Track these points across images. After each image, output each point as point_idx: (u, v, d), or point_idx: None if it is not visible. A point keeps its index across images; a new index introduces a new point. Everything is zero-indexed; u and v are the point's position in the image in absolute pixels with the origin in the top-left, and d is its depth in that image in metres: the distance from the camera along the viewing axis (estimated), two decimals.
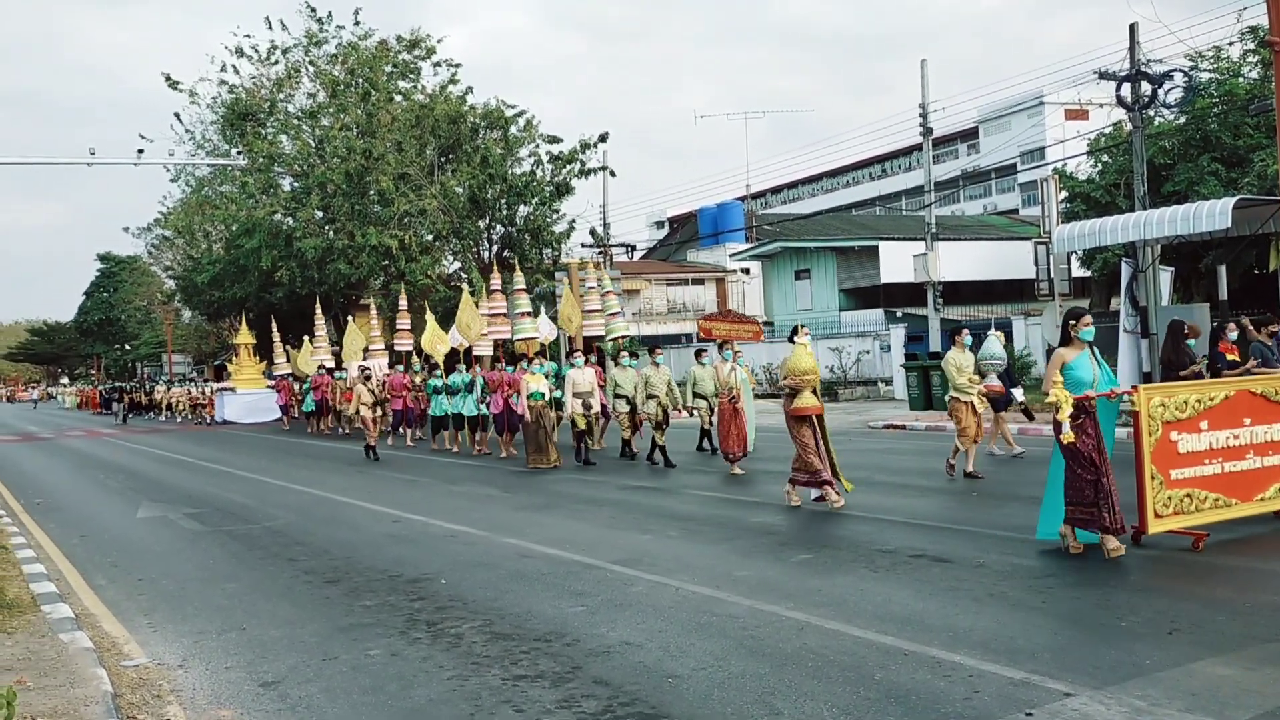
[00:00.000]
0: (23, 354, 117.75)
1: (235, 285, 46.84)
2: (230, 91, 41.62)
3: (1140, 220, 17.55)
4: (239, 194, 40.91)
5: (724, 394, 14.66)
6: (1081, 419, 7.89)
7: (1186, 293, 25.81)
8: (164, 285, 69.58)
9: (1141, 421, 8.01)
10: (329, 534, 11.09)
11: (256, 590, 8.44)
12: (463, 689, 5.60)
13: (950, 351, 13.55)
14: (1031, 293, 25.83)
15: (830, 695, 5.20)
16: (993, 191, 67.13)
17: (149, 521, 12.89)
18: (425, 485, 15.61)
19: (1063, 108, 54.39)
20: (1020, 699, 5.01)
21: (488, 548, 9.76)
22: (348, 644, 6.61)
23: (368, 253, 36.05)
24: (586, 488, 14.15)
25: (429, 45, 40.09)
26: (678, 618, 6.81)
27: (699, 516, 11.08)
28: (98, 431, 37.35)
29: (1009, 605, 6.74)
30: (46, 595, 8.22)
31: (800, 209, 69.02)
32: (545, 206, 37.78)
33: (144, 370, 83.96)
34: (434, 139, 37.09)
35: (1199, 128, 25.71)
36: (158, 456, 24.04)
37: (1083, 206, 28.36)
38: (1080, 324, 8.18)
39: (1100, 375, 8.15)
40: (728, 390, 14.54)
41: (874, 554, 8.57)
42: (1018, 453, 14.93)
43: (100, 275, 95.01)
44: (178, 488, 16.71)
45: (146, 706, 5.61)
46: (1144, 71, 20.98)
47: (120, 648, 6.86)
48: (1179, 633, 5.99)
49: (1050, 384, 7.94)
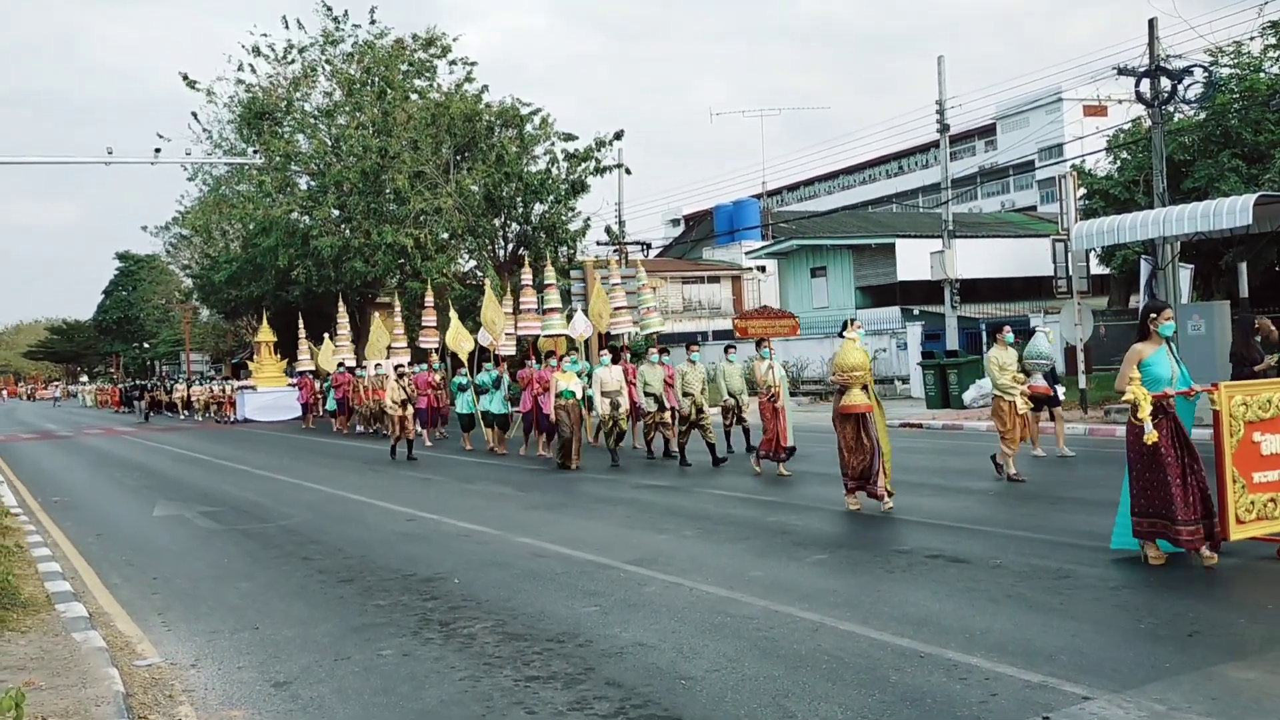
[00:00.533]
0: (42, 352, 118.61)
1: (252, 284, 47.08)
2: (247, 90, 41.80)
3: (1160, 217, 17.41)
4: (256, 193, 41.04)
5: (762, 393, 14.25)
6: (1159, 419, 7.43)
7: (1206, 290, 25.61)
8: (182, 284, 69.95)
9: (1222, 421, 7.52)
10: (343, 532, 11.10)
11: (270, 589, 8.44)
12: (474, 690, 5.58)
13: (992, 349, 12.98)
14: (1049, 290, 25.66)
15: (845, 698, 5.14)
16: (1010, 188, 66.85)
17: (165, 520, 12.93)
18: (439, 484, 15.61)
19: (1081, 104, 53.96)
20: (1038, 702, 4.95)
21: (501, 547, 9.74)
22: (360, 644, 6.59)
23: (383, 251, 36.11)
24: (601, 487, 14.11)
25: (444, 44, 40.14)
26: (692, 618, 6.77)
27: (714, 516, 11.03)
28: (116, 430, 37.54)
29: (1026, 606, 6.67)
30: (61, 594, 8.24)
31: (816, 206, 68.85)
32: (560, 204, 37.75)
33: (162, 368, 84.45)
34: (449, 137, 37.12)
35: (1219, 124, 25.47)
36: (175, 455, 24.14)
37: (1101, 203, 28.16)
38: (1161, 318, 7.63)
39: (1179, 373, 7.66)
40: (766, 389, 14.14)
41: (890, 554, 8.51)
42: (1067, 454, 14.32)
43: (119, 274, 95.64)
44: (194, 486, 16.77)
45: (158, 707, 5.61)
46: (1163, 67, 20.83)
47: (133, 647, 6.87)
48: (1199, 635, 5.91)
49: (1126, 381, 7.51)
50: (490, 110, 38.20)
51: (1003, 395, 12.61)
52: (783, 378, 14.60)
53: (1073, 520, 9.67)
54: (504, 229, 39.09)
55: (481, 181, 36.57)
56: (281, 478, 17.35)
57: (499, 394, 20.07)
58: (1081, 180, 28.46)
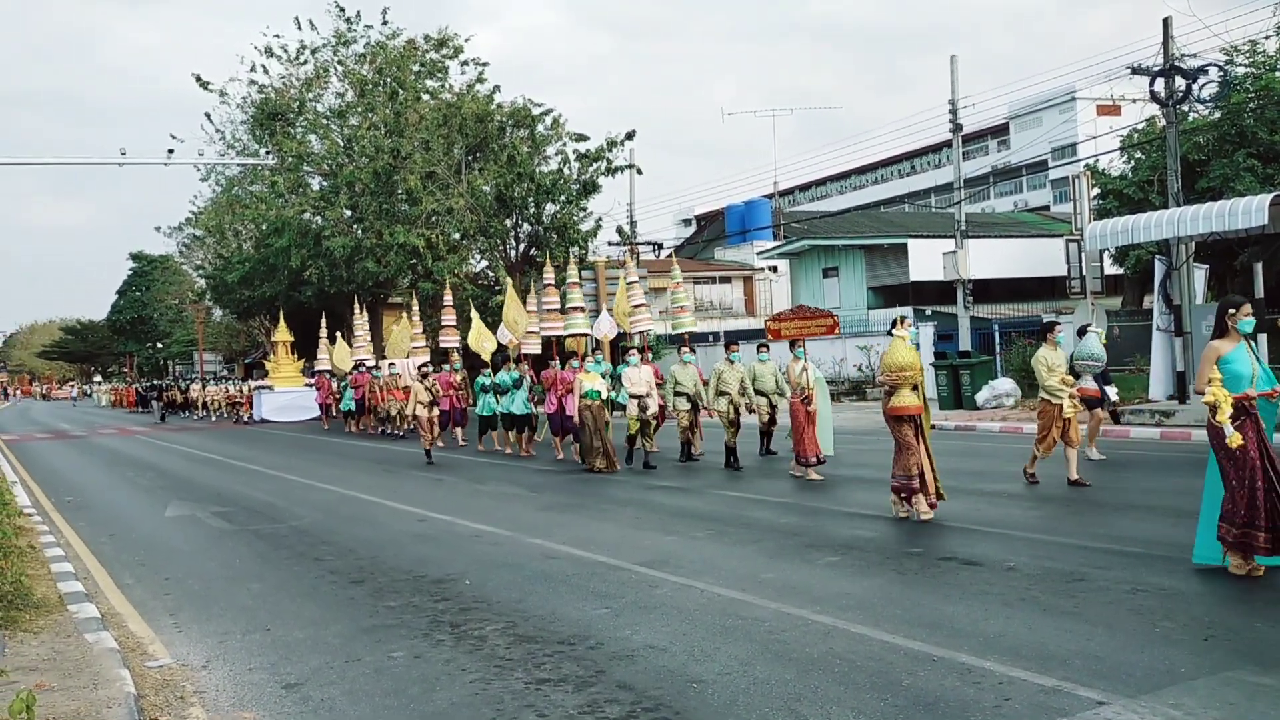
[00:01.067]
0: (56, 352, 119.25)
1: (265, 284, 47.27)
2: (260, 91, 41.89)
3: (1174, 217, 17.33)
4: (268, 193, 41.15)
5: (795, 394, 13.84)
6: (1241, 420, 7.00)
7: (1221, 290, 25.44)
8: (195, 284, 70.18)
9: None
10: (354, 533, 11.10)
11: (281, 590, 8.44)
12: (485, 692, 5.56)
13: (1042, 348, 12.14)
14: (1063, 290, 25.60)
15: (857, 702, 5.11)
16: (1023, 188, 66.63)
17: (177, 520, 12.96)
18: (451, 484, 15.61)
19: (1095, 103, 53.73)
20: (1052, 707, 4.91)
21: (512, 548, 9.73)
22: (371, 645, 6.58)
23: (395, 251, 36.16)
24: (613, 488, 14.09)
25: (457, 44, 40.17)
26: (703, 621, 6.74)
27: (726, 518, 11.00)
28: (130, 430, 37.67)
29: (1040, 610, 6.63)
30: (74, 594, 8.26)
31: (828, 206, 68.71)
32: (572, 205, 37.74)
33: (175, 368, 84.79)
34: (461, 138, 37.15)
35: (1234, 123, 25.33)
36: (188, 455, 24.22)
37: (1115, 203, 28.04)
38: (1240, 313, 7.18)
39: (1260, 372, 7.20)
40: (799, 391, 13.74)
41: (902, 557, 8.46)
42: (1095, 457, 13.92)
43: (132, 274, 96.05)
44: (206, 486, 16.81)
45: (169, 708, 5.61)
46: (1178, 66, 20.72)
47: (145, 648, 6.88)
48: (1215, 640, 5.85)
49: (1205, 381, 7.09)
50: (502, 111, 38.22)
51: (1050, 398, 11.86)
52: (818, 379, 14.19)
53: (1086, 523, 9.63)
54: (515, 229, 39.11)
55: (493, 182, 36.59)
56: (293, 478, 17.38)
57: (520, 395, 19.56)
58: (1095, 180, 28.35)
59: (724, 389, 15.56)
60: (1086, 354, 13.32)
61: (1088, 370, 13.28)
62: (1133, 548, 8.32)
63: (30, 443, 31.76)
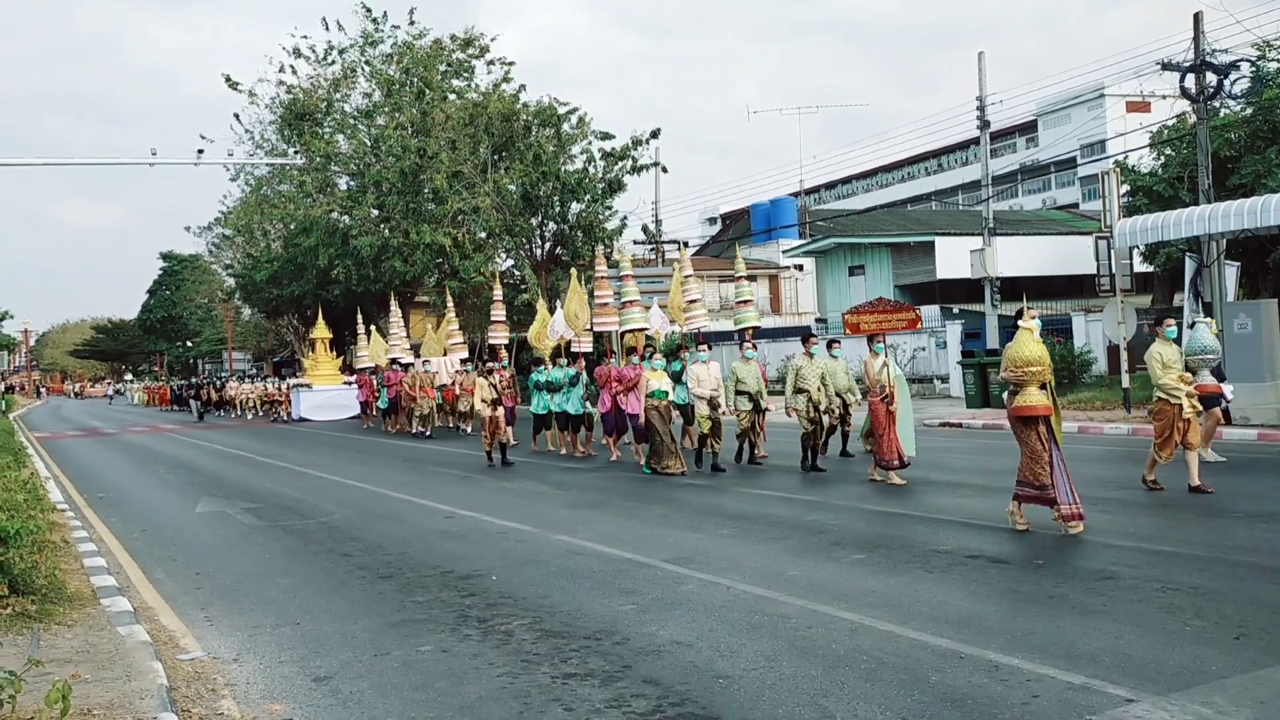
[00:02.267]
0: (88, 351, 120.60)
1: (293, 283, 47.61)
2: (288, 92, 42.19)
3: (1205, 214, 17.16)
4: (296, 193, 41.46)
5: (875, 393, 12.67)
6: None
7: (1253, 288, 25.18)
8: (224, 283, 70.71)
9: None
10: (382, 529, 11.18)
11: (311, 585, 8.51)
12: (512, 686, 5.59)
13: (1154, 344, 11.21)
14: (1092, 289, 25.31)
15: (884, 698, 5.11)
16: (1052, 185, 66.14)
17: (208, 516, 13.09)
18: (477, 481, 15.67)
19: (1124, 100, 53.37)
20: (1080, 704, 4.88)
21: (539, 544, 9.76)
22: (399, 640, 6.63)
23: (422, 250, 36.36)
24: (639, 485, 14.11)
25: (482, 44, 40.36)
26: (729, 617, 6.75)
27: (752, 515, 10.99)
28: (163, 427, 37.98)
29: (1068, 607, 6.59)
30: (106, 589, 8.36)
31: (854, 204, 68.49)
32: (597, 203, 37.80)
33: (205, 366, 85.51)
34: (487, 137, 37.28)
35: (1266, 119, 25.05)
36: (218, 452, 24.43)
37: (1145, 200, 27.79)
38: None
39: None
40: (880, 389, 12.61)
41: (929, 554, 8.43)
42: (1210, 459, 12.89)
43: (163, 273, 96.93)
44: (237, 483, 16.96)
45: (201, 700, 5.68)
46: (1209, 62, 20.52)
47: (177, 641, 6.96)
48: (1246, 638, 5.81)
49: None
50: (527, 110, 38.33)
51: (1167, 398, 10.96)
52: (899, 376, 13.06)
53: (1115, 521, 9.54)
54: (541, 228, 39.21)
55: (519, 181, 36.69)
56: (322, 475, 17.50)
57: (576, 393, 18.64)
58: (1124, 177, 28.08)
59: (802, 385, 14.58)
60: (1199, 347, 12.50)
61: (1203, 365, 12.44)
62: (1164, 546, 8.26)
63: (62, 440, 32.13)
